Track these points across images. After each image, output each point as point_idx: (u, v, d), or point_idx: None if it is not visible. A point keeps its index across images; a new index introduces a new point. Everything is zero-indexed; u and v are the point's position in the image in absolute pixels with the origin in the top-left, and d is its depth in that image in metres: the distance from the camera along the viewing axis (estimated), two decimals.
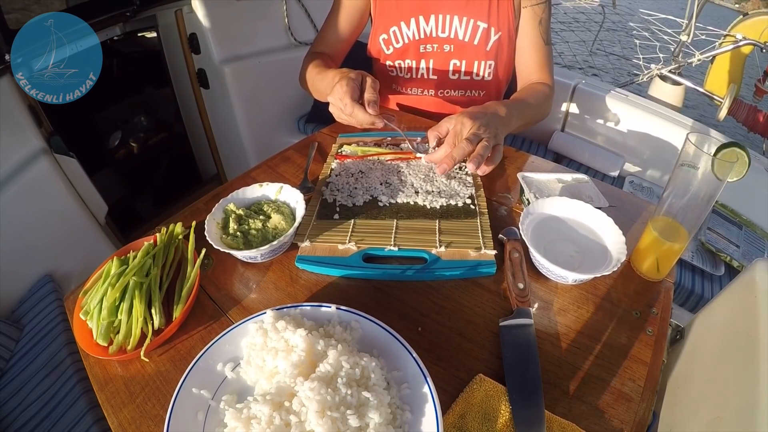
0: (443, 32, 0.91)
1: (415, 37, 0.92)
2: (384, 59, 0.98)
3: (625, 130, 1.60)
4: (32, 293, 1.09)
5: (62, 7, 1.37)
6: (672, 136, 1.52)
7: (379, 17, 0.94)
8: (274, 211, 0.61)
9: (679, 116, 1.54)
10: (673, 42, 1.99)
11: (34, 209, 1.18)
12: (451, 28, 0.90)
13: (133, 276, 0.49)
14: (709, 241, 1.22)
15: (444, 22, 0.90)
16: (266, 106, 1.82)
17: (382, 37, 0.95)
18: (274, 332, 0.43)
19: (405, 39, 0.93)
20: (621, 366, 0.47)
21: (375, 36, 0.96)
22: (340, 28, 0.96)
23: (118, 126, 1.83)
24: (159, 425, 0.41)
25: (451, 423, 0.41)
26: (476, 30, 0.90)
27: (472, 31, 0.90)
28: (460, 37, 0.91)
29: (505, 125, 0.73)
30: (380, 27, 0.94)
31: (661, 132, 1.54)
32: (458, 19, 0.89)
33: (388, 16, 0.93)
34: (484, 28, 0.90)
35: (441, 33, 0.91)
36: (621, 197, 0.72)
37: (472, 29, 0.90)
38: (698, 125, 1.54)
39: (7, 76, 1.13)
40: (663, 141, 1.54)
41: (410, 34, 0.92)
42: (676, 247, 0.54)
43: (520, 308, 0.51)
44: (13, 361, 0.94)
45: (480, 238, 0.60)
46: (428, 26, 0.91)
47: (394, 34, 0.93)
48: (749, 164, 0.49)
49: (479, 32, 0.90)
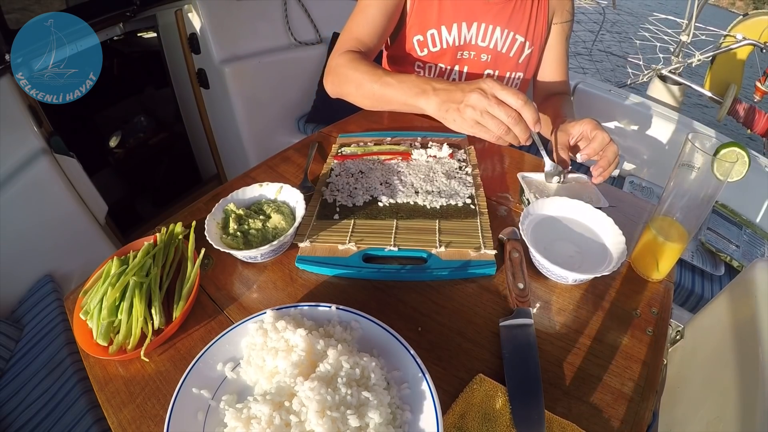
0: (483, 41, 0.91)
1: (455, 43, 0.91)
2: (414, 60, 0.95)
3: (625, 130, 1.60)
4: (32, 293, 1.10)
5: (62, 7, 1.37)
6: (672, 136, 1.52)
7: (415, 17, 0.90)
8: (274, 211, 0.61)
9: (679, 116, 1.55)
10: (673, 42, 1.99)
11: (34, 209, 1.18)
12: (492, 38, 0.91)
13: (133, 276, 0.49)
14: (709, 241, 1.22)
15: (486, 31, 0.90)
16: (266, 106, 1.82)
17: (416, 38, 0.91)
18: (274, 332, 0.43)
19: (444, 44, 0.91)
20: (621, 366, 0.47)
21: (409, 36, 0.92)
22: (376, 23, 0.87)
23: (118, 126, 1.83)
24: (159, 425, 0.41)
25: (451, 423, 0.41)
26: (514, 43, 0.91)
27: (510, 44, 0.91)
28: (499, 48, 0.92)
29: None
30: (415, 27, 0.91)
31: (661, 132, 1.54)
32: (500, 31, 0.90)
33: (426, 18, 0.89)
34: (521, 42, 0.91)
35: (481, 42, 0.91)
36: (621, 197, 0.72)
37: (510, 42, 0.91)
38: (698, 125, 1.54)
39: (7, 76, 1.13)
40: (663, 141, 1.54)
41: (450, 40, 0.90)
42: (676, 247, 0.54)
43: (520, 308, 0.51)
44: (13, 361, 0.94)
45: (480, 238, 0.60)
46: (469, 33, 0.90)
47: (431, 36, 0.90)
48: (749, 164, 0.49)
49: (516, 45, 0.92)
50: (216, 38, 1.63)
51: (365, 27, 0.86)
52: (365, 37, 0.86)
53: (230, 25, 1.67)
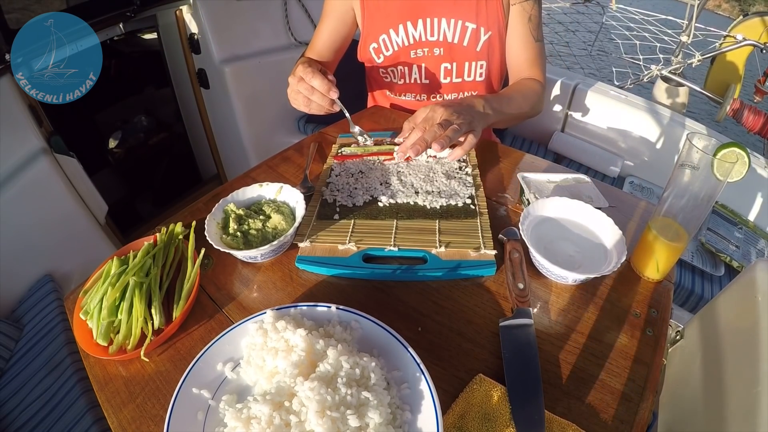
0: (432, 36, 0.90)
1: (404, 43, 0.91)
2: (376, 67, 0.98)
3: (625, 131, 1.60)
4: (32, 293, 1.10)
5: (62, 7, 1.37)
6: (672, 137, 1.52)
7: (367, 26, 0.93)
8: (274, 211, 0.61)
9: (679, 117, 1.55)
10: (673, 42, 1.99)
11: (34, 209, 1.18)
12: (439, 30, 0.89)
13: (133, 276, 0.49)
14: (709, 242, 1.22)
15: (432, 25, 0.89)
16: (266, 106, 1.82)
17: (372, 46, 0.94)
18: (274, 332, 0.43)
19: (395, 46, 0.92)
20: (621, 366, 0.47)
21: (365, 45, 0.95)
22: (329, 37, 0.95)
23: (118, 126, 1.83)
24: (159, 425, 0.41)
25: (451, 423, 0.41)
26: (465, 31, 0.89)
27: (461, 33, 0.89)
28: (449, 40, 0.90)
29: (482, 116, 0.75)
30: (369, 36, 0.93)
31: (661, 132, 1.54)
32: (446, 22, 0.88)
33: (375, 25, 0.92)
34: (473, 29, 0.89)
35: (430, 37, 0.90)
36: (621, 197, 0.72)
37: (461, 31, 0.89)
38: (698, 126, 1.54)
39: (7, 76, 1.13)
40: (663, 141, 1.54)
41: (399, 41, 0.91)
42: (676, 248, 0.54)
43: (520, 308, 0.51)
44: (13, 361, 0.94)
45: (480, 238, 0.60)
46: (417, 31, 0.90)
47: (383, 42, 0.92)
48: (749, 164, 0.49)
49: (468, 33, 0.89)
50: (216, 38, 1.63)
51: (319, 39, 0.96)
52: (319, 48, 0.96)
53: (230, 25, 1.67)
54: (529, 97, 0.88)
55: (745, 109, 1.61)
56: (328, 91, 0.70)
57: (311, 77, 0.70)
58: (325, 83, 0.69)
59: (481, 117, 0.75)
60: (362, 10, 0.92)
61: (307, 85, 0.70)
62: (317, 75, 0.70)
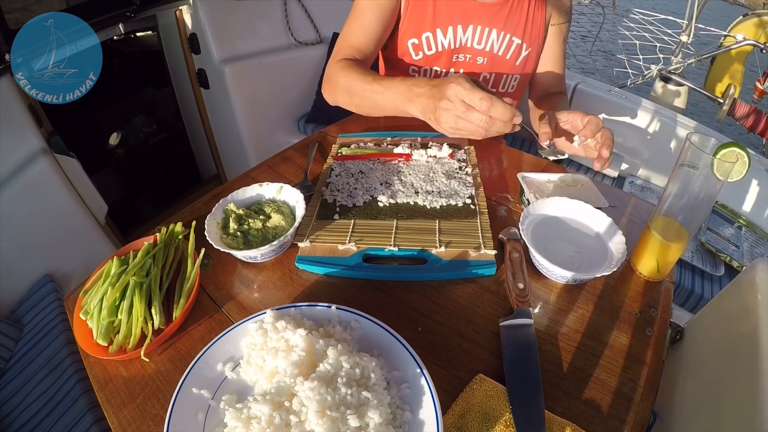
0: (479, 44, 0.90)
1: (450, 46, 0.90)
2: (409, 63, 0.94)
3: (625, 130, 1.60)
4: (32, 293, 1.10)
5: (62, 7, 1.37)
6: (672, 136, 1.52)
7: (410, 20, 0.88)
8: (274, 211, 0.61)
9: (679, 116, 1.55)
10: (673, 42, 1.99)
11: (34, 209, 1.18)
12: (488, 41, 0.90)
13: (133, 276, 0.49)
14: (709, 241, 1.22)
15: (482, 34, 0.89)
16: (266, 106, 1.82)
17: (411, 42, 0.90)
18: (274, 332, 0.43)
19: (439, 47, 0.90)
20: (621, 366, 0.47)
21: (403, 39, 0.90)
22: (371, 29, 0.86)
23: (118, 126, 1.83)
24: (159, 425, 0.41)
25: (451, 423, 0.41)
26: (510, 45, 0.90)
27: (506, 46, 0.90)
28: (495, 51, 0.91)
29: None
30: (410, 30, 0.89)
31: (661, 132, 1.54)
32: (496, 33, 0.89)
33: (421, 21, 0.88)
34: (517, 44, 0.90)
35: (477, 45, 0.90)
36: (621, 197, 0.72)
37: (507, 44, 0.90)
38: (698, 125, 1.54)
39: (7, 76, 1.13)
40: (663, 141, 1.54)
41: (446, 42, 0.89)
42: (676, 247, 0.54)
43: (520, 308, 0.51)
44: (13, 361, 0.94)
45: (480, 238, 0.60)
46: (465, 36, 0.89)
47: (426, 40, 0.90)
48: (749, 164, 0.49)
49: (513, 47, 0.91)
50: (216, 38, 1.63)
51: (360, 33, 0.86)
52: (360, 44, 0.86)
53: (230, 25, 1.67)
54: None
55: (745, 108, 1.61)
56: (512, 118, 0.57)
57: (489, 106, 0.56)
58: (509, 111, 0.56)
59: None
60: (407, 3, 0.88)
61: (485, 117, 0.57)
62: (497, 102, 0.56)
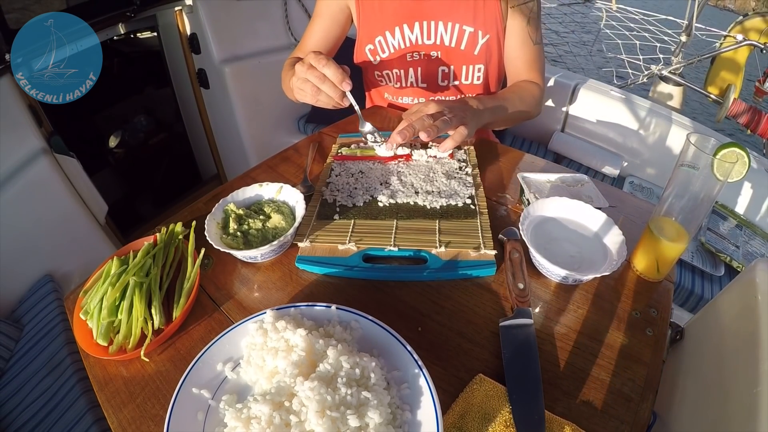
0: (429, 39, 0.89)
1: (401, 46, 0.91)
2: (372, 69, 0.97)
3: (625, 130, 1.60)
4: (32, 293, 1.10)
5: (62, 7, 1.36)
6: (672, 137, 1.52)
7: (363, 27, 0.92)
8: (274, 211, 0.61)
9: (679, 117, 1.55)
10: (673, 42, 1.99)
11: (34, 209, 1.18)
12: (436, 34, 0.89)
13: (133, 276, 0.49)
14: (709, 242, 1.22)
15: (429, 28, 0.88)
16: (266, 106, 1.82)
17: (368, 48, 0.93)
18: (274, 332, 0.43)
19: (391, 48, 0.91)
20: (621, 366, 0.47)
21: (361, 46, 0.94)
22: (321, 38, 0.94)
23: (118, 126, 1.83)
24: (159, 425, 0.41)
25: (451, 423, 0.41)
26: (462, 34, 0.88)
27: (458, 36, 0.88)
28: (446, 43, 0.89)
29: (475, 114, 0.74)
30: (365, 37, 0.92)
31: (661, 132, 1.54)
32: (443, 25, 0.88)
33: (372, 26, 0.91)
34: (470, 32, 0.88)
35: (427, 40, 0.89)
36: (621, 197, 0.72)
37: (458, 34, 0.88)
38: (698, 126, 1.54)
39: (7, 76, 1.13)
40: (663, 141, 1.54)
41: (396, 44, 0.90)
42: (676, 247, 0.54)
43: (520, 308, 0.51)
44: (13, 361, 0.94)
45: (480, 238, 0.59)
46: (413, 34, 0.89)
47: (379, 44, 0.91)
48: (749, 164, 0.49)
49: (465, 36, 0.88)
50: (216, 38, 1.63)
51: (313, 36, 0.96)
52: (313, 47, 0.95)
53: (230, 25, 1.67)
54: (526, 98, 0.88)
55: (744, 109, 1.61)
56: (341, 81, 0.64)
57: (324, 65, 0.64)
58: (339, 73, 0.64)
59: (474, 113, 0.74)
60: (358, 10, 0.91)
61: (319, 73, 0.64)
62: (331, 63, 0.64)
